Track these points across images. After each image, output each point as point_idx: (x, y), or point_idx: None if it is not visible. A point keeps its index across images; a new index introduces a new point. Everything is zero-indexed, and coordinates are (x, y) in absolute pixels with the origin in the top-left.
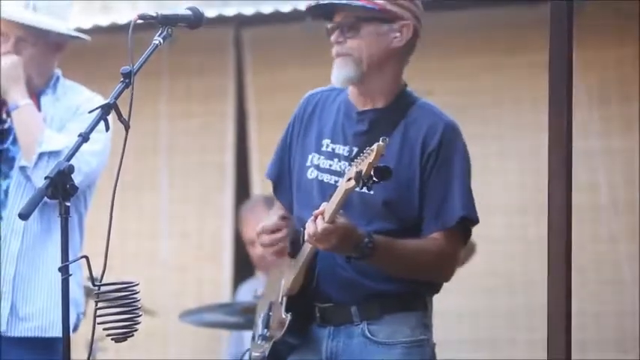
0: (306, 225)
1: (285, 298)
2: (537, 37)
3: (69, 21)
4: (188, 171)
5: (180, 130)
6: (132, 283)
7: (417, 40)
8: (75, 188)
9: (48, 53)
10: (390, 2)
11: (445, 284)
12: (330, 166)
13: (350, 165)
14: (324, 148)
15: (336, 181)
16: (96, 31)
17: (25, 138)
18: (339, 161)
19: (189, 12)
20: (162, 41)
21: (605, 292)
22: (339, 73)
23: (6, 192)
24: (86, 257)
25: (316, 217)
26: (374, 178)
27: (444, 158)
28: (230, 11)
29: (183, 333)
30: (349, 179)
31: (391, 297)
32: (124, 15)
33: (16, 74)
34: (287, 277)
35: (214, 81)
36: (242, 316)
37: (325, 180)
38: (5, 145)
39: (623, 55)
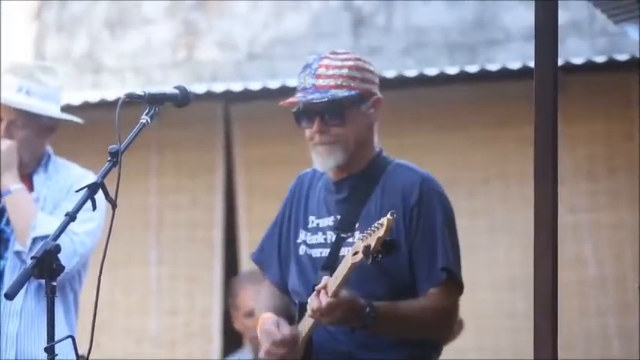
0: (309, 300)
1: None
2: (525, 111)
3: (60, 103)
4: (177, 246)
5: (169, 205)
6: None
7: None
8: (62, 267)
9: (40, 135)
10: (363, 81)
11: None
12: (317, 240)
13: (340, 236)
14: (310, 225)
15: (322, 253)
16: (85, 107)
17: (19, 223)
18: (324, 233)
19: (176, 91)
20: (149, 120)
21: None
22: (328, 161)
23: (1, 274)
24: (72, 337)
25: (319, 292)
26: (381, 253)
27: (426, 212)
28: (219, 87)
29: None
30: (356, 253)
31: None
32: (113, 91)
33: (11, 159)
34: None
35: (203, 155)
36: None
37: (314, 255)
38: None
39: (610, 129)
